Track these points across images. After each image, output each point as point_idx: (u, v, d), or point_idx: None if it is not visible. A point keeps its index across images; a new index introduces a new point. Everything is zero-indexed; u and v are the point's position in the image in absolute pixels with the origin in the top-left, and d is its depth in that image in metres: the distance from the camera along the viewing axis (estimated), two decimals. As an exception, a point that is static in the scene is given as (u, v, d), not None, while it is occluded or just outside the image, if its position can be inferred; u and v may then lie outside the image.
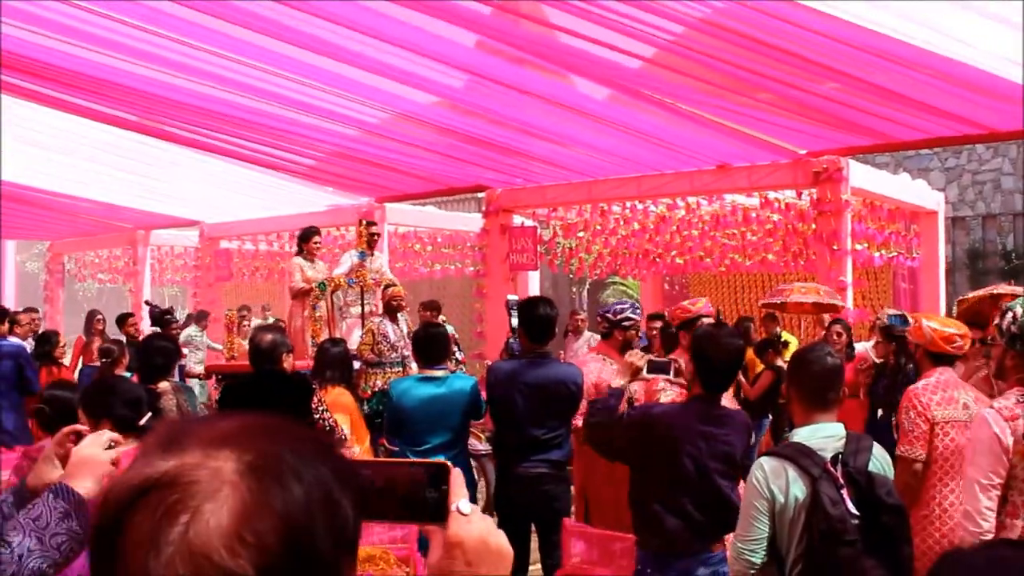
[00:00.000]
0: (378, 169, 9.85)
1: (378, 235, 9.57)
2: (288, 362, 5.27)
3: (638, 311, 5.90)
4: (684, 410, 3.99)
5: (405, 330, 8.68)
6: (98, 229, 15.38)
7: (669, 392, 4.90)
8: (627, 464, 4.23)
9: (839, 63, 5.77)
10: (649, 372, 4.52)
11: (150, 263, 15.64)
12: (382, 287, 8.79)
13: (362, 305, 8.95)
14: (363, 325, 8.72)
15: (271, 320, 12.23)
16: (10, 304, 15.76)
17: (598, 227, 10.93)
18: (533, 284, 11.21)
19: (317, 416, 5.01)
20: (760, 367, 8.59)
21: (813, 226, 8.93)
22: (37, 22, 6.03)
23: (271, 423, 0.92)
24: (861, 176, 8.68)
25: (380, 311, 8.73)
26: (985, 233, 18.44)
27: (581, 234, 11.07)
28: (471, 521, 1.16)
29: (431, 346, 5.69)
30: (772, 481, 3.11)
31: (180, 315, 25.76)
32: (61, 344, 9.23)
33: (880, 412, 7.19)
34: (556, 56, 6.28)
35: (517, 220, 10.82)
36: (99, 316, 11.38)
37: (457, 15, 5.62)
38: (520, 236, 10.45)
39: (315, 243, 9.34)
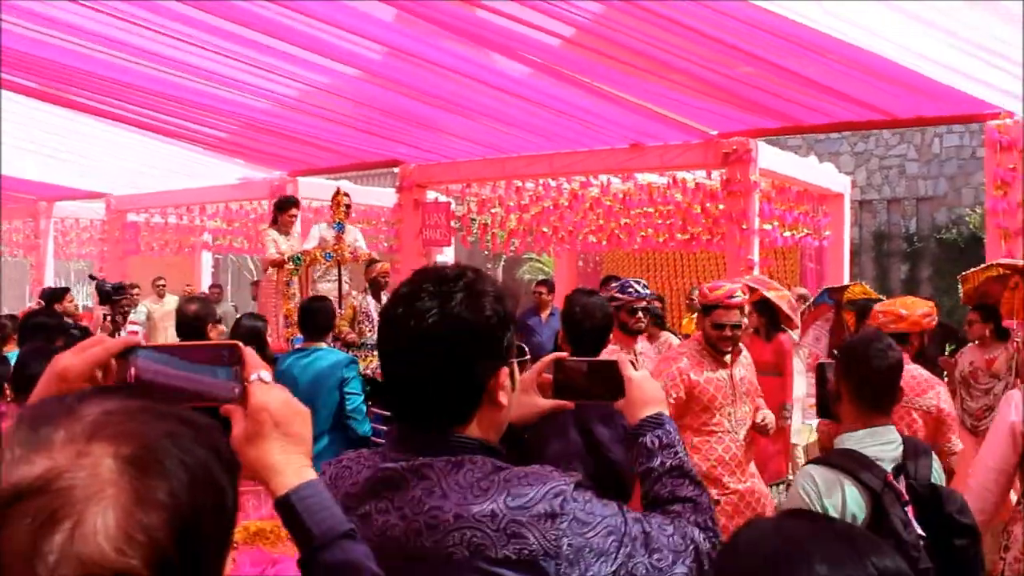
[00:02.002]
0: (291, 142, 9.71)
1: (350, 205, 9.00)
2: (215, 333, 5.22)
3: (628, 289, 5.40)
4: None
5: None
6: (-4, 200, 14.85)
7: None
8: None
9: (752, 47, 5.88)
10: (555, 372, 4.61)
11: (53, 236, 15.16)
12: (366, 263, 8.35)
13: (339, 281, 8.41)
14: (340, 302, 8.21)
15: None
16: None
17: (512, 203, 10.94)
18: (447, 260, 11.18)
19: None
20: None
21: (721, 206, 9.09)
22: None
23: (142, 406, 0.86)
24: (770, 158, 8.86)
25: (362, 288, 8.35)
26: (890, 216, 19.00)
27: (495, 210, 11.07)
28: (273, 388, 1.20)
29: (310, 320, 5.51)
30: (825, 496, 2.70)
31: (82, 291, 25.02)
32: None
33: None
34: (475, 32, 6.26)
35: (431, 196, 10.77)
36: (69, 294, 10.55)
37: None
38: (433, 212, 10.41)
39: (291, 215, 8.79)
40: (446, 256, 11.06)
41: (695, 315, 9.98)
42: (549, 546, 1.36)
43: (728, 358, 4.51)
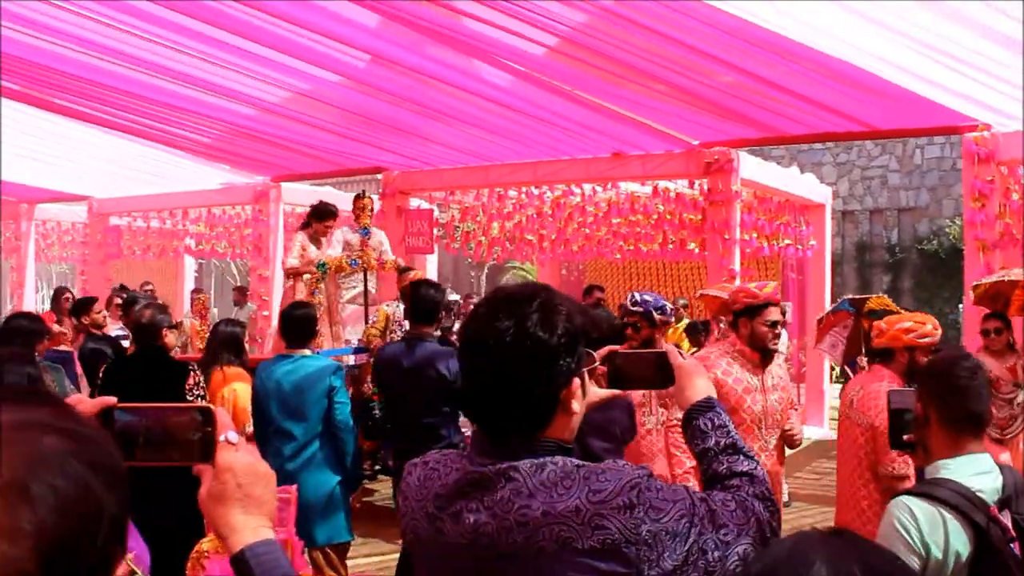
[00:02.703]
0: (275, 148, 9.69)
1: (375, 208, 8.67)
2: (170, 338, 5.18)
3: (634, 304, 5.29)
4: None
5: None
6: (-24, 202, 14.77)
7: None
8: None
9: (734, 57, 5.92)
10: None
11: (34, 239, 15.08)
12: (398, 271, 8.00)
13: (365, 288, 8.16)
14: (366, 310, 8.03)
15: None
16: None
17: (495, 211, 10.96)
18: (431, 268, 11.19)
19: (191, 398, 4.91)
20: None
21: (700, 216, 9.14)
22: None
23: (14, 422, 0.82)
24: (752, 168, 8.92)
25: (393, 296, 7.99)
26: (872, 227, 19.12)
27: (479, 218, 11.09)
28: (239, 449, 1.25)
29: (292, 327, 5.40)
30: (928, 533, 2.44)
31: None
32: None
33: None
34: (459, 40, 6.28)
35: (414, 203, 10.78)
36: (67, 294, 10.09)
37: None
38: (416, 219, 10.41)
39: (327, 226, 8.25)
40: (430, 263, 11.07)
41: (682, 324, 10.09)
42: (629, 534, 1.50)
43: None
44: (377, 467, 7.29)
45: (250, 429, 5.66)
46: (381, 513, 7.64)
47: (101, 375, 5.42)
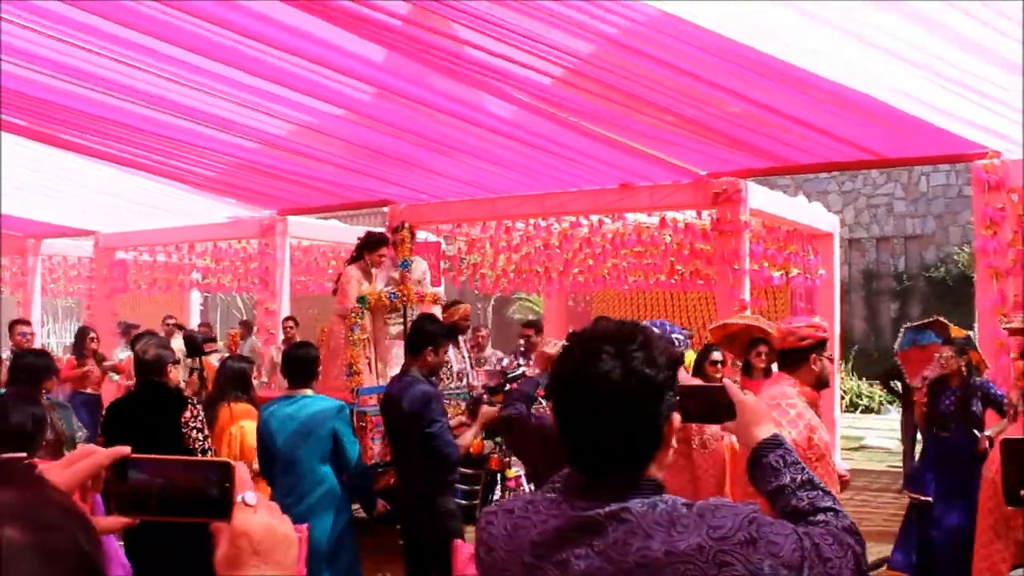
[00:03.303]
0: (281, 182, 9.69)
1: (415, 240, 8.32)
2: (173, 374, 5.15)
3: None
4: None
5: (467, 355, 7.68)
6: (-17, 237, 14.78)
7: (557, 344, 4.81)
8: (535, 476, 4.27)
9: (742, 87, 5.90)
10: None
11: (41, 273, 15.08)
12: (443, 305, 7.82)
13: (405, 323, 7.75)
14: (407, 345, 7.80)
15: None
16: None
17: (502, 243, 10.93)
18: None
19: (185, 431, 4.86)
20: None
21: (708, 247, 9.10)
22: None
23: None
24: (760, 198, 8.88)
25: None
26: (879, 255, 19.07)
27: (486, 250, 11.06)
28: (257, 511, 1.15)
29: (294, 367, 5.33)
30: None
31: (70, 329, 24.74)
32: None
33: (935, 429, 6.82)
34: (465, 72, 6.27)
35: (421, 236, 10.75)
36: (92, 334, 9.96)
37: (367, 29, 5.56)
38: (423, 251, 10.37)
39: (380, 255, 7.93)
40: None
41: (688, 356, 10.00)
42: (754, 568, 1.49)
43: None
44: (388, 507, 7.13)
45: (256, 466, 5.60)
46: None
47: (104, 412, 5.38)
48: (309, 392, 5.26)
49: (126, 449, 1.18)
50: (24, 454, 3.82)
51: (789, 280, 10.31)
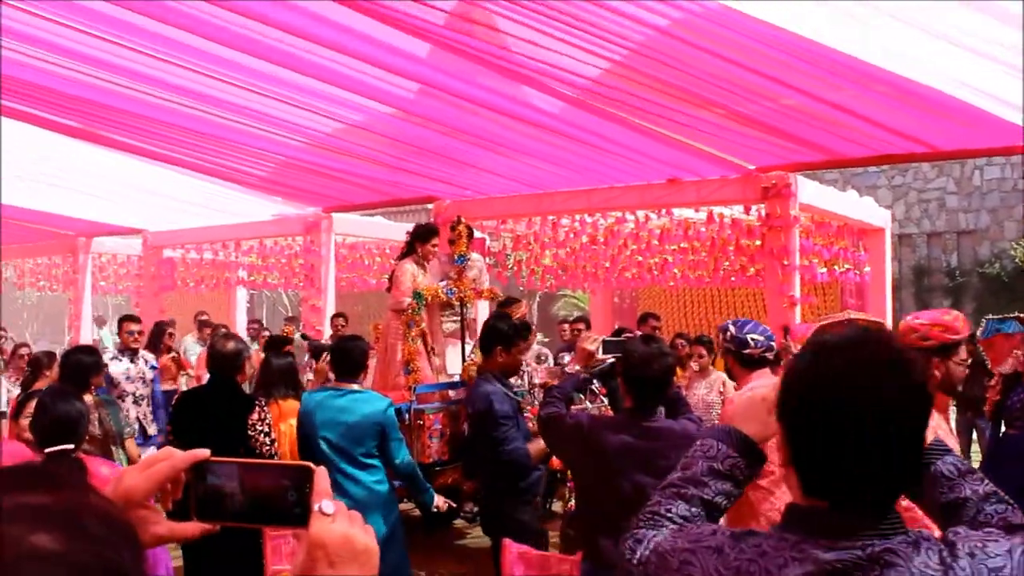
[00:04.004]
0: (326, 179, 9.70)
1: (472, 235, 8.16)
2: (248, 368, 5.20)
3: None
4: (618, 427, 3.93)
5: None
6: (38, 236, 15.01)
7: (597, 339, 4.71)
8: (573, 476, 4.18)
9: (792, 78, 5.77)
10: (604, 352, 4.49)
11: (91, 271, 15.29)
12: (499, 302, 7.77)
13: (462, 320, 7.78)
14: (463, 343, 7.67)
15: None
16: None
17: (547, 239, 10.86)
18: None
19: (252, 434, 4.86)
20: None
21: (758, 242, 8.95)
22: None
23: (17, 507, 0.74)
24: (810, 192, 8.73)
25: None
26: (930, 250, 18.74)
27: (531, 246, 11.00)
28: (334, 521, 1.10)
29: (343, 360, 5.33)
30: None
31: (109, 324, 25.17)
32: None
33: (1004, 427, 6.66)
34: (509, 67, 6.21)
35: (466, 231, 10.71)
36: (170, 330, 9.97)
37: (410, 24, 5.52)
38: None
39: (434, 246, 7.85)
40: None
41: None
42: None
43: None
44: (476, 508, 7.01)
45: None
46: (480, 556, 7.16)
47: (173, 405, 5.42)
48: (356, 386, 5.23)
49: (205, 452, 1.15)
50: (71, 446, 3.86)
51: (839, 276, 10.12)
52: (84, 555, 0.74)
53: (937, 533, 1.41)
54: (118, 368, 7.93)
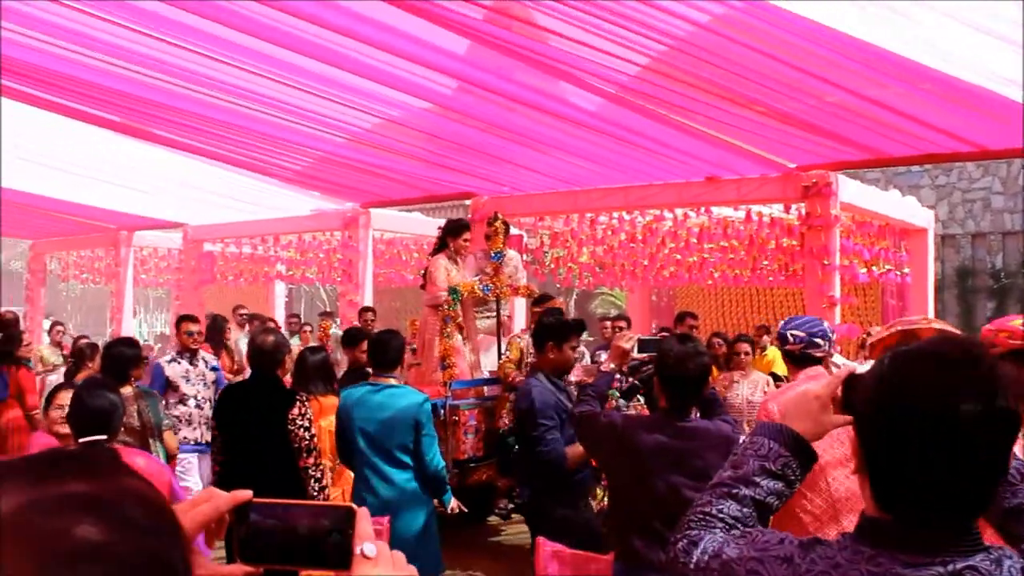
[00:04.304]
0: (364, 175, 9.74)
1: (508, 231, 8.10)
2: (289, 363, 5.23)
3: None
4: (652, 427, 3.89)
5: None
6: (81, 229, 15.23)
7: (633, 338, 4.66)
8: (606, 475, 4.14)
9: (835, 75, 5.69)
10: (640, 351, 4.45)
11: (132, 264, 15.47)
12: (532, 299, 7.74)
13: (498, 316, 7.76)
14: (499, 339, 7.66)
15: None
16: (-9, 303, 15.62)
17: (584, 236, 10.82)
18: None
19: (292, 428, 4.88)
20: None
21: (797, 242, 8.85)
22: (24, 22, 5.90)
23: (63, 497, 0.74)
24: (851, 191, 8.61)
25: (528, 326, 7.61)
26: (975, 251, 18.45)
27: (568, 243, 10.96)
28: (376, 564, 1.09)
29: (379, 352, 5.32)
30: None
31: (160, 318, 25.30)
32: (25, 343, 9.01)
33: None
34: (548, 63, 6.18)
35: (503, 228, 10.70)
36: (230, 324, 9.77)
37: (449, 20, 5.52)
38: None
39: (465, 240, 7.86)
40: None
41: (771, 352, 9.79)
42: None
43: None
44: (511, 505, 7.00)
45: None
46: (515, 553, 7.23)
47: (217, 399, 5.45)
48: (393, 380, 5.24)
49: (247, 494, 1.15)
50: (104, 437, 3.91)
51: (880, 277, 9.98)
52: (130, 546, 0.74)
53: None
54: (176, 370, 7.33)
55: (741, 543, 1.53)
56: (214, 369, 7.71)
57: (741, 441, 1.80)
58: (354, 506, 1.14)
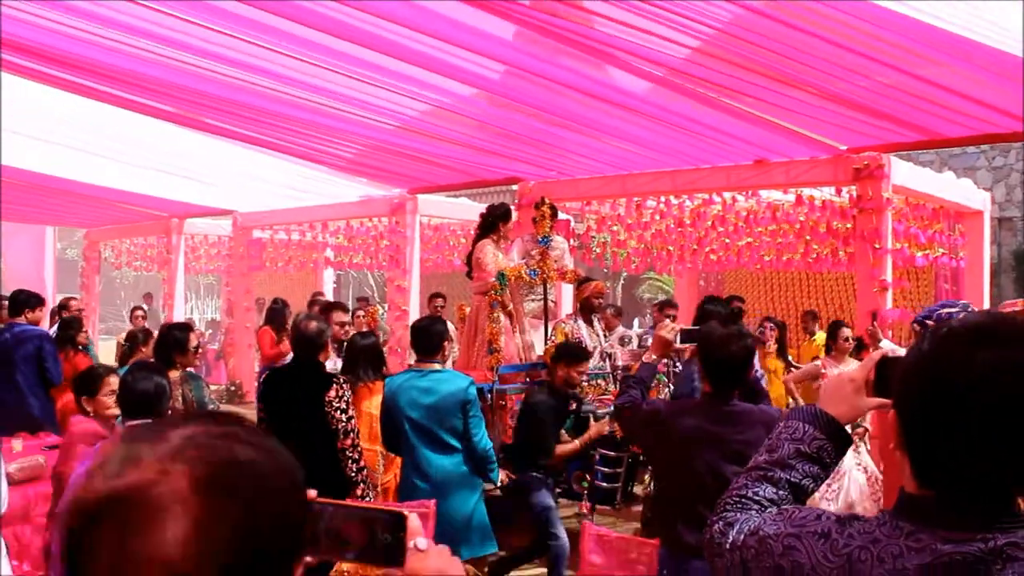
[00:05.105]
0: (412, 161, 9.77)
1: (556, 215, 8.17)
2: (328, 350, 5.29)
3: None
4: (695, 412, 3.88)
5: (602, 334, 7.63)
6: (134, 217, 15.47)
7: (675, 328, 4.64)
8: (650, 462, 4.14)
9: (885, 55, 5.59)
10: (682, 342, 4.44)
11: (184, 251, 15.70)
12: (576, 283, 7.76)
13: (545, 301, 7.82)
14: (546, 324, 7.67)
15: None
16: (49, 291, 15.95)
17: (632, 221, 10.76)
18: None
19: (329, 411, 4.92)
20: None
21: (848, 225, 8.73)
22: (81, 14, 5.99)
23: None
24: (904, 173, 8.46)
25: (574, 310, 7.64)
26: (1032, 234, 18.05)
27: (615, 228, 10.91)
28: (428, 557, 1.23)
29: (422, 339, 5.38)
30: None
31: (211, 304, 25.67)
32: (84, 330, 9.20)
33: None
34: (595, 47, 6.14)
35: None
36: (290, 308, 9.68)
37: (496, 6, 5.50)
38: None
39: (513, 223, 7.96)
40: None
41: (819, 337, 9.70)
42: None
43: None
44: (558, 490, 7.04)
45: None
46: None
47: (261, 384, 5.54)
48: (437, 366, 5.27)
49: (311, 493, 1.23)
50: (150, 419, 3.98)
51: (934, 261, 9.81)
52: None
53: None
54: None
55: (778, 520, 1.54)
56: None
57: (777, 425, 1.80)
58: (405, 511, 1.25)
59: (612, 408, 4.79)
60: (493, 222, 7.92)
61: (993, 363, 1.30)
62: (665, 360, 8.08)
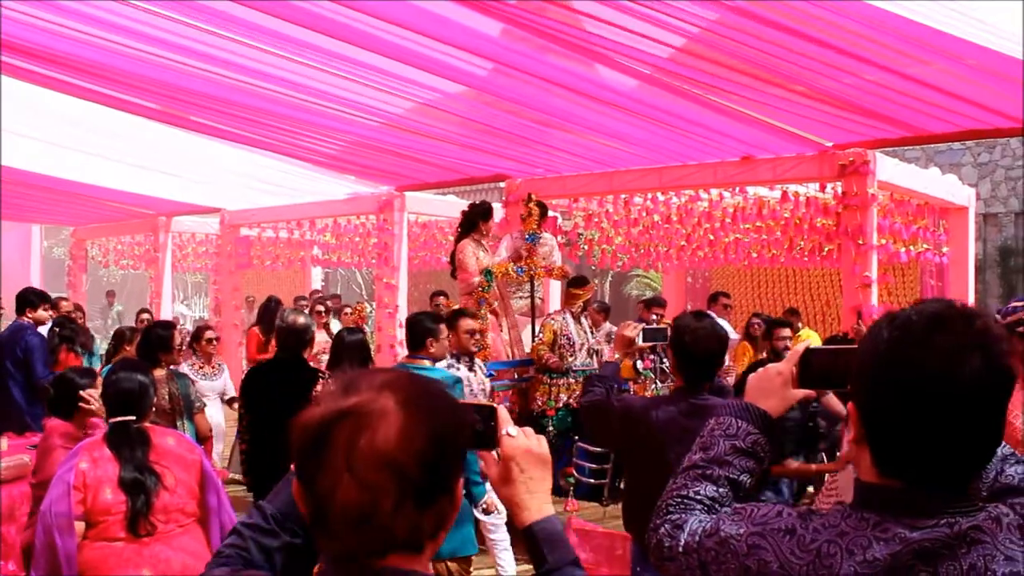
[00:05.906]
0: (399, 158, 9.76)
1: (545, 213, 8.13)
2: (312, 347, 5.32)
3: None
4: (667, 406, 3.89)
5: (589, 332, 7.70)
6: (121, 215, 15.41)
7: (637, 327, 4.66)
8: (622, 458, 4.14)
9: (870, 52, 5.63)
10: (644, 341, 4.45)
11: (171, 249, 15.65)
12: (567, 281, 7.77)
13: (532, 297, 7.83)
14: (533, 321, 7.70)
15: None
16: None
17: (619, 218, 10.79)
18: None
19: None
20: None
21: (831, 222, 8.77)
22: (69, 12, 5.98)
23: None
24: (889, 170, 8.51)
25: (555, 305, 7.79)
26: (1017, 230, 18.16)
27: (604, 225, 10.94)
28: (517, 438, 1.60)
29: (410, 334, 5.46)
30: None
31: (199, 303, 25.60)
32: (88, 333, 9.19)
33: None
34: (583, 45, 6.16)
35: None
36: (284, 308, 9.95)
37: (483, 3, 5.51)
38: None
39: (491, 224, 7.98)
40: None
41: (806, 334, 9.76)
42: None
43: None
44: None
45: None
46: None
47: (243, 380, 5.54)
48: (426, 363, 5.29)
49: None
50: (133, 417, 4.00)
51: (918, 257, 9.87)
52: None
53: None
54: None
55: (737, 519, 1.54)
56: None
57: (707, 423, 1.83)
58: (495, 404, 1.63)
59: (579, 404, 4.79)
60: (473, 221, 7.96)
61: (955, 347, 1.33)
62: (652, 356, 8.12)
